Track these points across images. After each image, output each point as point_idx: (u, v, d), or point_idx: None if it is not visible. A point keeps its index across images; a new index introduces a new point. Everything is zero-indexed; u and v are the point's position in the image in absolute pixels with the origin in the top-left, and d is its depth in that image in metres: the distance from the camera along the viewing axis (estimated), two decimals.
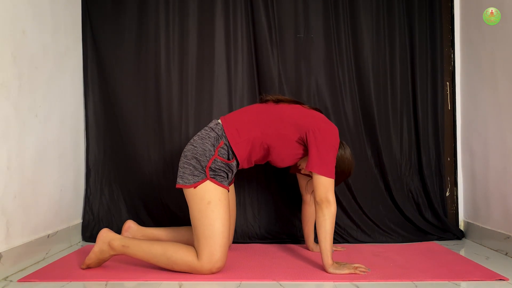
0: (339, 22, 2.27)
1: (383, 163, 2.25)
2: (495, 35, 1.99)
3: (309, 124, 1.68)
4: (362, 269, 1.59)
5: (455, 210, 2.33)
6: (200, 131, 1.75)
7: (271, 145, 1.72)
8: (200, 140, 1.68)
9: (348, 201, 2.23)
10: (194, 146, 1.68)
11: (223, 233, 1.58)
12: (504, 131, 1.93)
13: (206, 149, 1.65)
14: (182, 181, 1.65)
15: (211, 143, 1.66)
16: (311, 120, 1.70)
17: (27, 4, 1.78)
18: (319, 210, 1.62)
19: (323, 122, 1.71)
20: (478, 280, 1.51)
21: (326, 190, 1.62)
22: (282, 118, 1.71)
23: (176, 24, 2.26)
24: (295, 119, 1.71)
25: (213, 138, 1.68)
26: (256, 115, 1.75)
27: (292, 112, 1.73)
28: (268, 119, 1.72)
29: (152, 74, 2.26)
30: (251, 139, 1.70)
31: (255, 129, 1.70)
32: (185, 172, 1.65)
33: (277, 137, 1.71)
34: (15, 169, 1.66)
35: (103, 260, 1.67)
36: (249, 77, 2.27)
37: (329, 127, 1.69)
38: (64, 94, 2.10)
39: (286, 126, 1.70)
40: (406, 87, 2.32)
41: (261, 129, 1.70)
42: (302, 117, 1.71)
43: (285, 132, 1.70)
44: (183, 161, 1.68)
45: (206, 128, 1.73)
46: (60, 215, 2.04)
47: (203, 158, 1.64)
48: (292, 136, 1.70)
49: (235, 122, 1.72)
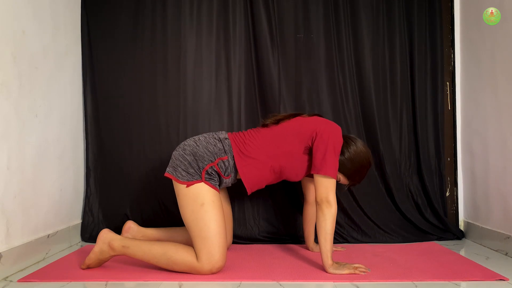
0: (339, 22, 2.27)
1: (383, 163, 2.25)
2: (495, 35, 1.99)
3: (310, 130, 1.69)
4: (362, 269, 1.59)
5: (455, 210, 2.34)
6: (206, 134, 1.75)
7: (282, 165, 1.72)
8: (205, 143, 1.69)
9: (348, 201, 2.23)
10: (196, 144, 1.68)
11: (220, 233, 1.58)
12: (504, 131, 1.93)
13: (208, 154, 1.65)
14: (175, 173, 1.65)
15: (215, 152, 1.67)
16: (311, 126, 1.70)
17: (27, 4, 1.78)
18: (319, 211, 1.62)
19: (322, 124, 1.70)
20: (478, 280, 1.51)
21: (326, 191, 1.62)
22: (285, 136, 1.71)
23: (174, 24, 2.26)
24: (296, 133, 1.71)
25: (219, 149, 1.68)
26: (259, 141, 1.73)
27: (293, 126, 1.73)
28: (272, 142, 1.71)
29: (149, 74, 2.26)
30: (260, 166, 1.70)
31: (262, 156, 1.70)
32: (179, 165, 1.65)
33: (286, 156, 1.71)
34: (15, 169, 1.66)
35: (103, 260, 1.67)
36: (249, 77, 2.27)
37: (329, 127, 1.69)
38: (64, 94, 2.10)
39: (291, 143, 1.70)
40: (406, 87, 2.32)
41: (268, 155, 1.70)
42: (302, 128, 1.71)
43: (291, 148, 1.70)
44: (180, 153, 1.67)
45: (215, 136, 1.73)
46: (60, 215, 2.04)
47: (201, 160, 1.64)
48: (298, 149, 1.71)
49: (242, 147, 1.70)
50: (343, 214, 2.22)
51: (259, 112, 2.25)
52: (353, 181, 1.81)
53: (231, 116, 2.25)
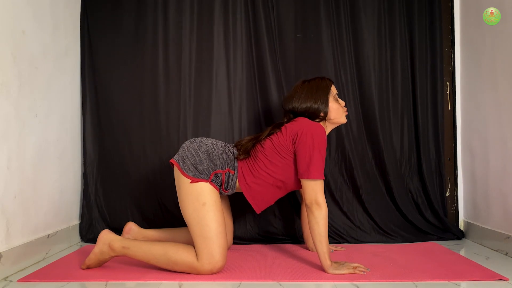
0: (340, 22, 2.27)
1: (384, 163, 2.25)
2: (495, 35, 1.99)
3: (290, 138, 1.68)
4: (361, 269, 1.59)
5: (455, 210, 2.33)
6: (223, 143, 1.75)
7: (283, 179, 1.72)
8: (221, 149, 1.70)
9: (348, 201, 2.23)
10: (213, 147, 1.69)
11: (221, 233, 1.58)
12: (504, 131, 1.93)
13: (221, 161, 1.67)
14: (182, 163, 1.64)
15: (227, 162, 1.68)
16: (290, 133, 1.68)
17: (27, 4, 1.78)
18: (310, 214, 1.61)
19: (301, 127, 1.67)
20: (478, 280, 1.51)
21: (315, 193, 1.61)
22: (274, 151, 1.70)
23: (174, 24, 2.26)
24: (282, 145, 1.69)
25: (231, 160, 1.69)
26: (256, 161, 1.71)
27: (277, 140, 1.71)
28: (266, 160, 1.70)
29: (149, 74, 2.26)
30: (262, 183, 1.70)
31: (262, 173, 1.70)
32: (189, 157, 1.64)
33: (282, 169, 1.70)
34: (15, 169, 1.66)
35: (103, 261, 1.67)
36: (249, 77, 2.27)
37: (309, 129, 1.66)
38: (64, 94, 2.10)
39: (282, 155, 1.69)
40: (406, 87, 2.32)
41: (266, 171, 1.69)
42: (284, 139, 1.69)
43: (285, 161, 1.69)
44: (194, 147, 1.67)
45: (230, 148, 1.74)
46: (60, 215, 2.04)
47: (214, 162, 1.65)
48: (290, 159, 1.69)
49: (246, 169, 1.71)
50: (343, 214, 2.22)
51: (260, 112, 2.25)
52: (325, 106, 1.79)
53: (231, 117, 2.25)
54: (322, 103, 1.78)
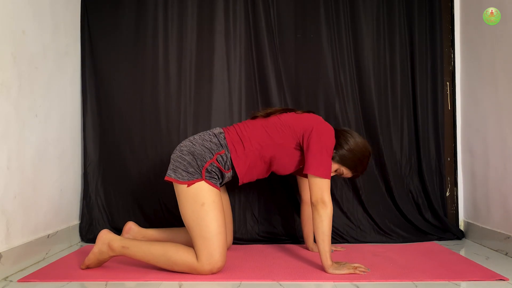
0: (339, 22, 2.27)
1: (384, 163, 2.25)
2: (495, 35, 1.99)
3: (303, 128, 1.69)
4: (361, 269, 1.59)
5: (455, 210, 2.33)
6: (201, 133, 1.75)
7: (272, 156, 1.72)
8: (201, 141, 1.68)
9: (348, 201, 2.23)
10: (193, 144, 1.68)
11: (220, 233, 1.58)
12: (504, 131, 1.93)
13: (205, 151, 1.65)
14: (175, 175, 1.64)
15: (212, 148, 1.66)
16: (305, 123, 1.70)
17: (27, 4, 1.78)
18: (315, 212, 1.62)
19: (316, 124, 1.70)
20: (478, 280, 1.51)
21: (321, 191, 1.61)
22: (278, 128, 1.71)
23: (175, 24, 2.26)
24: (289, 127, 1.71)
25: (215, 144, 1.68)
26: (253, 129, 1.73)
27: (286, 120, 1.73)
28: (265, 132, 1.71)
29: (149, 74, 2.26)
30: (251, 153, 1.69)
31: (254, 143, 1.70)
32: (178, 166, 1.64)
33: (277, 148, 1.71)
34: (15, 169, 1.66)
35: (103, 261, 1.67)
36: (248, 77, 2.27)
37: (323, 127, 1.68)
38: (64, 94, 2.10)
39: (284, 136, 1.70)
40: (406, 87, 2.32)
41: (260, 143, 1.70)
42: (295, 123, 1.71)
43: (283, 141, 1.71)
44: (178, 155, 1.67)
45: (209, 132, 1.73)
46: (60, 215, 2.04)
47: (200, 158, 1.64)
48: (290, 144, 1.71)
49: (235, 137, 1.71)
50: (343, 215, 2.22)
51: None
52: (356, 172, 1.81)
53: (231, 117, 2.25)
54: (351, 168, 1.78)
